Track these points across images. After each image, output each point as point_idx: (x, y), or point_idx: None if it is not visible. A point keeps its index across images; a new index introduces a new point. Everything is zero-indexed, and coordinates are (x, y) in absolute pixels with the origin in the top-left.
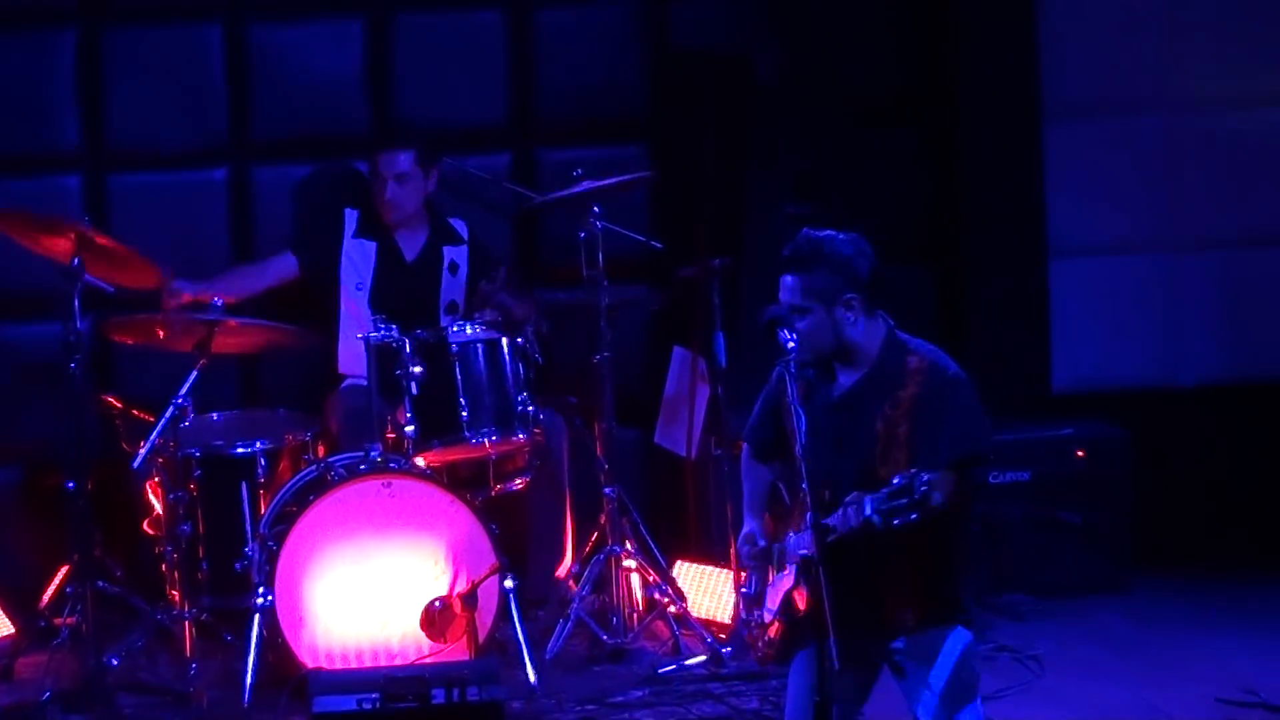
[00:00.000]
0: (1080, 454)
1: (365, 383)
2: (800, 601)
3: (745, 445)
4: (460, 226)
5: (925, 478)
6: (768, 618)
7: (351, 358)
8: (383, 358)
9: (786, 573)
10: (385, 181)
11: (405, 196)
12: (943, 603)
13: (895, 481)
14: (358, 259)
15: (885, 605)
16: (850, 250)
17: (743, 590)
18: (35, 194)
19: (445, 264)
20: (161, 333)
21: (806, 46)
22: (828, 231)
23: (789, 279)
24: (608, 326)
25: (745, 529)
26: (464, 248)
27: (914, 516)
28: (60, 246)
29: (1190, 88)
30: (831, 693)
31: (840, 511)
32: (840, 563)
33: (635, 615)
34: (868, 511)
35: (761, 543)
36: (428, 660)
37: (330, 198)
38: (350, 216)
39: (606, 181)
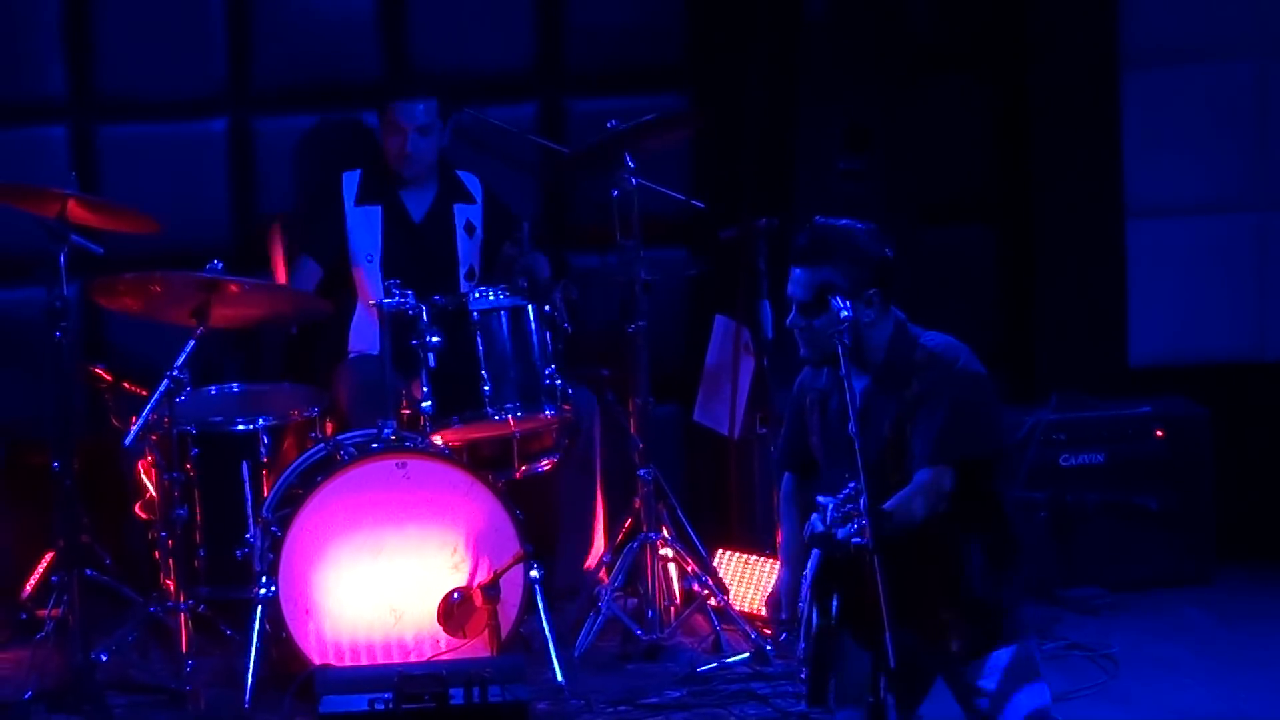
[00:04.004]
0: (1159, 434)
1: (376, 353)
2: (812, 630)
3: (785, 473)
4: (471, 182)
5: (854, 485)
6: (800, 654)
7: (363, 337)
8: (397, 326)
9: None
10: (405, 134)
11: (426, 149)
12: (988, 625)
13: (848, 489)
14: (364, 228)
15: (923, 627)
16: (871, 241)
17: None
18: (17, 146)
19: (459, 224)
20: (158, 288)
21: None
22: (842, 220)
23: (802, 271)
24: (643, 293)
25: (775, 582)
26: (478, 207)
27: (863, 522)
28: (45, 207)
29: None
30: (887, 693)
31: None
32: (861, 577)
33: (672, 608)
34: (819, 527)
35: (784, 614)
36: (445, 657)
37: (326, 166)
38: (349, 181)
39: (642, 119)
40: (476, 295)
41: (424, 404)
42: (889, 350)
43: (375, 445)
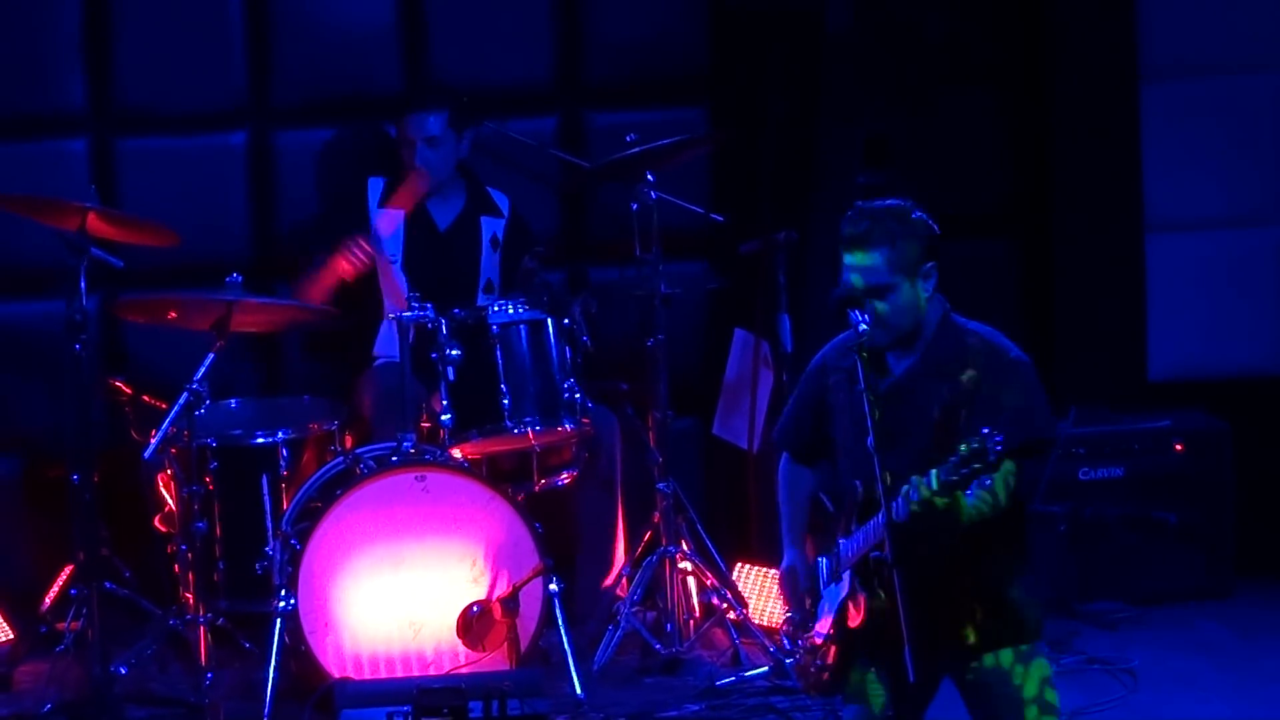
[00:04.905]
0: (1178, 448)
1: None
2: (856, 611)
3: (784, 453)
4: (500, 199)
5: (1000, 438)
6: (818, 640)
7: (388, 337)
8: (417, 340)
9: (840, 583)
10: (414, 145)
11: (437, 162)
12: (1006, 617)
13: (965, 447)
14: (389, 230)
15: (941, 617)
16: (922, 216)
17: (789, 615)
18: (37, 160)
19: (485, 237)
20: (174, 314)
21: None
22: (888, 200)
23: (861, 256)
24: (662, 307)
25: (785, 561)
26: (503, 222)
27: (988, 482)
28: (65, 220)
29: None
30: (905, 708)
31: (894, 503)
32: (884, 572)
33: (691, 622)
34: (933, 485)
35: (804, 584)
36: (464, 670)
37: (348, 174)
38: (374, 186)
39: (661, 142)
40: (496, 309)
41: (443, 417)
42: (938, 331)
43: (394, 459)
